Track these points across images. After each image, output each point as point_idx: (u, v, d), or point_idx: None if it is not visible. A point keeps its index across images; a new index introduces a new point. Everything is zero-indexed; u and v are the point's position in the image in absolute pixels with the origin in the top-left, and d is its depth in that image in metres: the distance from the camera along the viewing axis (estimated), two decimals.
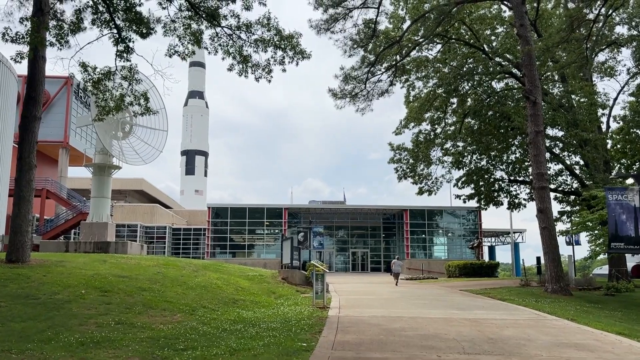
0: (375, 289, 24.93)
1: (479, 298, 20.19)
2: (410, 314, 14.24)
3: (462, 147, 33.03)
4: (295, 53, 16.13)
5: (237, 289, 18.71)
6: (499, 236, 63.56)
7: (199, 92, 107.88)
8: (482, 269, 37.10)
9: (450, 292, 23.12)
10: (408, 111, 33.50)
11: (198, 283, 18.14)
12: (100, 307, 13.16)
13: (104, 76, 17.43)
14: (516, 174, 32.82)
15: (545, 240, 22.45)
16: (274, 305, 16.23)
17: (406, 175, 33.41)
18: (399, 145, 33.33)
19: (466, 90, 30.39)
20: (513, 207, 33.52)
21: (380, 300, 18.61)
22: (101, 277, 16.79)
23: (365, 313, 14.44)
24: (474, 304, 17.47)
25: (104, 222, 29.64)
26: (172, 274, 19.35)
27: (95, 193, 29.96)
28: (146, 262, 21.56)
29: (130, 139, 31.47)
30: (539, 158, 22.94)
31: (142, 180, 70.31)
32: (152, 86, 31.49)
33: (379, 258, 55.16)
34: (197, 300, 15.38)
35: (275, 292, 19.79)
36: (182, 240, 54.53)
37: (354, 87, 28.45)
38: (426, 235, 52.76)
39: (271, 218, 50.48)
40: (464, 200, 33.72)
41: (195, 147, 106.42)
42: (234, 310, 14.74)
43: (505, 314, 14.85)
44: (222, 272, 22.83)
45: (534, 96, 23.20)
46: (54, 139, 42.49)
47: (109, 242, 28.67)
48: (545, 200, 22.61)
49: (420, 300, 18.77)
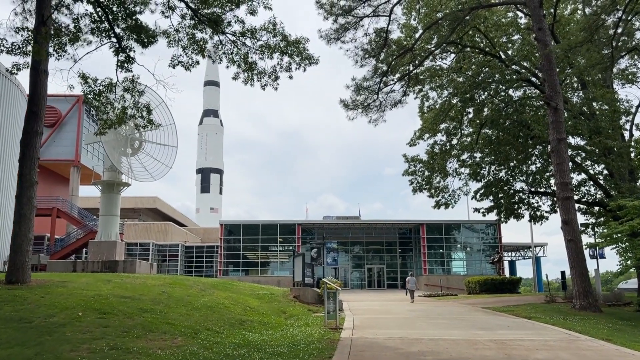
0: (391, 308, 23.78)
1: (503, 316, 18.97)
2: (430, 336, 13.15)
3: (480, 158, 31.89)
4: (302, 59, 15.37)
5: (245, 309, 17.76)
6: (519, 250, 61.78)
7: (213, 111, 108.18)
8: (504, 285, 35.64)
9: (472, 310, 21.89)
10: (422, 122, 32.57)
11: (204, 303, 17.23)
12: (96, 330, 12.31)
13: (105, 88, 16.83)
14: (537, 185, 31.54)
15: (571, 254, 21.19)
16: (283, 327, 15.24)
17: (421, 188, 32.31)
18: (414, 156, 32.31)
19: (482, 99, 29.36)
20: (535, 220, 32.16)
21: (397, 319, 17.50)
22: (102, 298, 15.98)
23: (380, 334, 13.38)
24: (498, 323, 16.29)
25: (113, 241, 28.97)
26: (178, 293, 18.48)
27: (103, 211, 29.38)
28: (152, 281, 20.74)
29: (140, 156, 30.94)
30: (562, 167, 21.79)
31: (156, 198, 70.04)
32: (162, 102, 31.05)
33: (396, 274, 53.78)
34: (202, 322, 14.45)
35: (286, 311, 18.79)
36: (194, 259, 53.77)
37: (366, 97, 27.66)
38: (444, 250, 51.33)
39: (284, 234, 49.55)
40: (483, 214, 32.48)
41: (210, 165, 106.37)
42: (240, 332, 13.78)
43: (533, 334, 13.68)
44: (231, 290, 21.90)
45: (555, 102, 22.13)
46: (65, 158, 42.30)
47: (117, 261, 27.96)
48: (570, 211, 21.40)
49: (440, 319, 17.62)
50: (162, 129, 31.17)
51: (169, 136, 31.29)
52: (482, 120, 30.64)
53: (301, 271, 22.12)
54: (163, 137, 31.18)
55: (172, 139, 31.32)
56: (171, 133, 31.35)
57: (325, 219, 56.39)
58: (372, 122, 29.39)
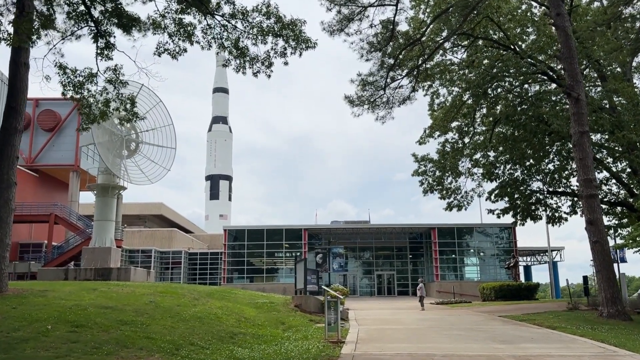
0: (401, 317, 22.08)
1: (524, 326, 17.21)
2: (444, 350, 11.50)
3: (494, 157, 30.13)
4: (298, 42, 13.85)
5: (239, 320, 16.19)
6: (535, 255, 59.65)
7: (222, 118, 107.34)
8: (520, 291, 33.75)
9: (489, 319, 20.14)
10: (432, 120, 30.90)
11: (194, 314, 15.69)
12: (62, 346, 10.81)
13: (85, 79, 15.44)
14: (555, 185, 29.72)
15: (597, 257, 19.40)
16: (278, 340, 13.64)
17: (433, 189, 30.58)
18: (424, 156, 30.61)
19: (496, 94, 27.67)
20: (553, 222, 30.29)
21: (407, 331, 15.83)
22: (80, 308, 14.51)
23: (387, 350, 11.75)
24: (520, 335, 14.57)
25: (107, 247, 27.58)
26: (167, 303, 16.96)
27: (98, 216, 28.02)
28: (142, 290, 19.26)
29: (136, 158, 29.64)
30: (585, 162, 20.04)
31: (161, 204, 68.92)
32: (159, 101, 29.82)
33: (406, 281, 51.91)
34: (187, 336, 12.90)
35: (285, 322, 17.19)
36: (198, 266, 52.30)
37: (372, 93, 26.07)
38: (456, 255, 49.38)
39: (291, 240, 47.91)
40: (498, 215, 30.65)
41: (219, 172, 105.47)
42: (228, 347, 12.21)
43: (562, 347, 11.96)
44: (227, 299, 20.36)
45: (576, 92, 20.43)
46: (65, 163, 41.12)
47: (111, 269, 26.55)
48: (596, 210, 19.63)
49: (455, 330, 15.92)
50: (159, 130, 29.87)
51: (167, 137, 29.94)
52: (495, 117, 28.97)
53: (303, 278, 20.52)
54: (161, 139, 29.83)
55: (170, 141, 29.96)
56: (169, 134, 30.00)
57: (333, 223, 54.78)
58: (379, 119, 27.84)
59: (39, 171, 41.51)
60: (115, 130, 28.19)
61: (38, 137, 41.32)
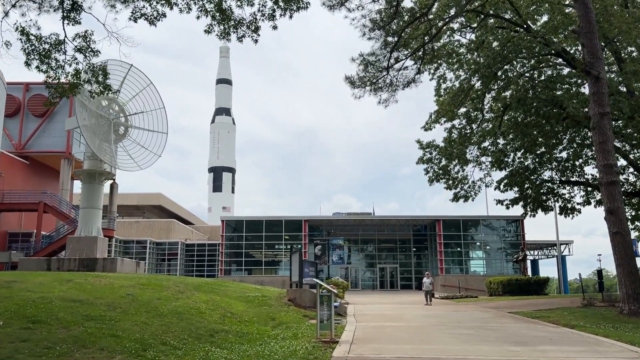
0: (404, 312, 20.54)
1: (539, 324, 15.63)
2: (451, 354, 9.95)
3: (504, 144, 28.44)
4: (287, 2, 12.21)
5: (224, 315, 14.68)
6: (542, 249, 57.93)
7: (225, 109, 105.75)
8: (530, 286, 32.12)
9: (498, 316, 18.57)
10: (439, 106, 29.18)
11: (174, 308, 14.20)
12: (8, 346, 9.35)
13: (52, 47, 13.87)
14: (568, 174, 28.03)
15: (617, 249, 17.75)
16: (264, 339, 12.13)
17: (438, 178, 28.91)
18: (429, 142, 28.93)
19: (507, 76, 25.94)
20: (565, 213, 28.58)
21: (410, 329, 14.28)
22: (45, 302, 13.05)
23: (386, 352, 10.20)
24: (535, 335, 12.99)
25: (94, 237, 26.13)
26: (147, 296, 15.49)
27: (84, 203, 26.55)
28: (123, 281, 17.79)
29: (125, 143, 28.15)
30: (605, 146, 18.37)
31: (160, 195, 67.53)
32: (150, 83, 28.27)
33: (410, 274, 50.30)
34: (160, 334, 11.40)
35: (276, 318, 15.68)
36: (196, 257, 50.84)
37: (375, 74, 24.39)
38: (462, 249, 47.67)
39: (290, 231, 46.33)
40: (507, 206, 29.00)
41: (222, 163, 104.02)
42: (204, 347, 10.70)
43: (587, 351, 10.38)
44: (216, 292, 18.87)
45: (596, 70, 18.72)
46: (55, 149, 39.62)
47: (97, 259, 25.11)
48: (616, 198, 17.97)
49: (462, 328, 14.35)
50: (149, 113, 28.36)
51: (158, 122, 28.40)
52: (505, 102, 27.25)
53: (298, 270, 18.99)
54: (151, 123, 28.30)
55: (161, 125, 28.41)
56: (160, 118, 28.46)
57: (335, 215, 53.20)
58: (382, 102, 26.11)
59: (29, 158, 40.06)
60: (103, 112, 26.69)
61: (28, 122, 39.85)
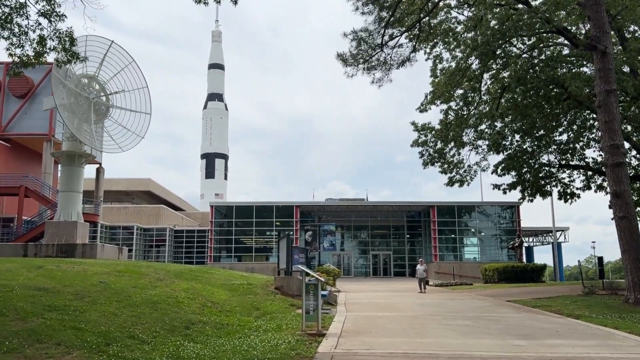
0: (397, 301, 19.58)
1: (541, 314, 14.68)
2: (450, 349, 8.93)
3: (502, 127, 27.40)
4: None
5: (204, 305, 13.62)
6: (537, 235, 57.26)
7: (218, 95, 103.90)
8: (526, 273, 31.34)
9: (497, 305, 17.63)
10: (435, 86, 28.03)
11: (148, 297, 13.11)
12: None
13: (14, 10, 12.59)
14: (568, 157, 27.07)
15: (623, 235, 16.82)
16: (244, 332, 11.08)
17: (433, 161, 27.89)
18: (425, 124, 27.84)
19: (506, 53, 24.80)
20: (565, 198, 27.66)
21: (403, 319, 13.27)
22: (6, 290, 11.91)
23: (377, 346, 9.17)
24: (539, 325, 12.02)
25: (73, 221, 24.93)
26: (121, 284, 14.38)
27: (63, 186, 25.32)
28: (98, 268, 16.67)
29: (106, 123, 26.86)
30: (611, 125, 17.34)
31: (149, 180, 66.13)
32: (132, 61, 26.94)
33: (403, 261, 49.47)
34: (128, 326, 10.32)
35: (260, 307, 14.63)
36: (184, 244, 49.67)
37: (368, 51, 23.20)
38: (456, 235, 46.82)
39: (281, 217, 45.20)
40: (504, 191, 28.02)
41: (215, 150, 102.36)
42: (176, 341, 9.63)
43: (600, 346, 9.40)
44: (199, 280, 17.80)
45: (603, 44, 17.64)
46: (38, 132, 38.16)
47: (75, 245, 23.95)
48: (623, 180, 16.98)
49: (460, 319, 13.37)
50: (132, 92, 27.04)
51: (141, 101, 27.08)
52: (503, 83, 26.14)
53: (286, 256, 17.93)
54: (134, 103, 26.99)
55: (144, 105, 27.10)
56: (143, 98, 27.13)
57: (327, 200, 52.14)
58: (375, 82, 25.01)
59: (10, 140, 38.58)
60: (82, 91, 25.35)
61: (9, 104, 38.31)
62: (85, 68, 25.68)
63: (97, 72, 25.96)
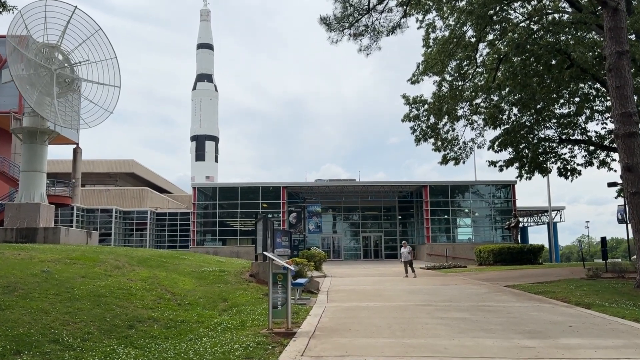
0: (385, 287, 17.90)
1: (545, 302, 13.02)
2: (443, 354, 7.19)
3: (498, 100, 25.60)
4: None
5: (161, 297, 11.82)
6: (532, 215, 55.90)
7: (207, 75, 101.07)
8: (523, 255, 29.86)
9: (495, 291, 15.99)
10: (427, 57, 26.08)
11: (95, 290, 11.28)
12: None
13: None
14: (570, 131, 25.36)
15: (635, 212, 15.15)
16: (200, 330, 9.30)
17: (426, 137, 26.12)
18: (416, 97, 25.96)
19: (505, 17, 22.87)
20: (565, 175, 26.02)
21: (390, 311, 11.55)
22: None
23: (354, 350, 7.42)
24: (548, 318, 10.33)
25: (36, 203, 23.01)
26: (68, 274, 12.54)
27: (25, 166, 23.34)
28: (48, 254, 14.81)
29: (71, 97, 24.78)
30: (623, 91, 15.55)
31: (132, 162, 63.92)
32: (98, 29, 24.75)
33: (395, 243, 47.93)
34: (56, 326, 8.51)
35: (229, 299, 12.86)
36: (167, 228, 47.75)
37: (354, 13, 21.19)
38: (449, 216, 45.24)
39: (268, 199, 43.36)
40: (501, 168, 26.40)
41: (205, 132, 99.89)
42: (110, 345, 7.84)
43: (626, 347, 7.71)
44: (165, 267, 16.02)
45: (614, 0, 15.71)
46: (6, 110, 35.89)
47: (37, 229, 22.08)
48: (636, 152, 15.27)
49: (454, 310, 11.67)
50: (99, 64, 24.90)
51: (110, 74, 24.95)
52: (500, 53, 24.25)
53: (262, 240, 16.13)
54: (101, 75, 24.84)
55: (113, 78, 24.98)
56: (112, 70, 24.99)
57: (317, 181, 50.29)
58: (363, 50, 23.07)
59: None
60: (43, 62, 23.20)
61: None
62: (45, 36, 23.51)
63: (60, 40, 23.76)
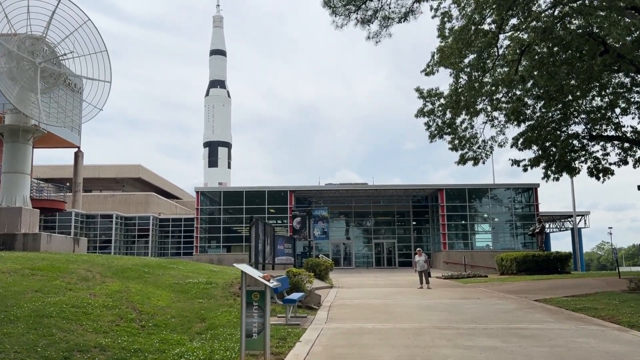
0: (397, 302, 15.68)
1: (591, 324, 10.71)
2: None
3: (522, 92, 23.30)
4: None
5: (122, 317, 9.76)
6: (555, 221, 53.09)
7: (220, 82, 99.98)
8: (549, 263, 27.36)
9: (525, 307, 13.69)
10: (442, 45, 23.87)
11: (41, 308, 9.27)
12: None
13: None
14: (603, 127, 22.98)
15: None
16: None
17: (442, 133, 23.88)
18: (431, 90, 23.76)
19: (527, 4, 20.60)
20: (596, 175, 23.54)
21: (401, 336, 9.35)
22: None
23: None
24: (603, 348, 8.06)
25: (17, 207, 21.21)
26: (20, 287, 10.58)
27: (6, 167, 21.57)
28: (8, 264, 12.86)
29: (58, 93, 23.09)
30: None
31: (139, 166, 62.52)
32: (88, 19, 23.04)
33: (409, 250, 45.45)
34: None
35: (207, 318, 10.79)
36: (171, 234, 45.92)
37: None
38: (467, 221, 42.71)
39: (275, 204, 41.32)
40: (525, 168, 24.05)
41: (217, 138, 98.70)
42: None
43: None
44: (144, 279, 13.99)
45: None
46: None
47: (16, 235, 20.26)
48: None
49: (483, 335, 9.43)
50: (88, 57, 23.12)
51: (99, 68, 23.16)
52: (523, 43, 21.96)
53: (254, 247, 14.05)
54: (90, 69, 23.07)
55: (102, 72, 23.19)
56: (102, 64, 23.20)
57: (327, 185, 48.15)
58: (371, 37, 21.09)
59: None
60: (27, 54, 21.48)
61: None
62: (29, 27, 21.80)
63: (45, 32, 22.03)
